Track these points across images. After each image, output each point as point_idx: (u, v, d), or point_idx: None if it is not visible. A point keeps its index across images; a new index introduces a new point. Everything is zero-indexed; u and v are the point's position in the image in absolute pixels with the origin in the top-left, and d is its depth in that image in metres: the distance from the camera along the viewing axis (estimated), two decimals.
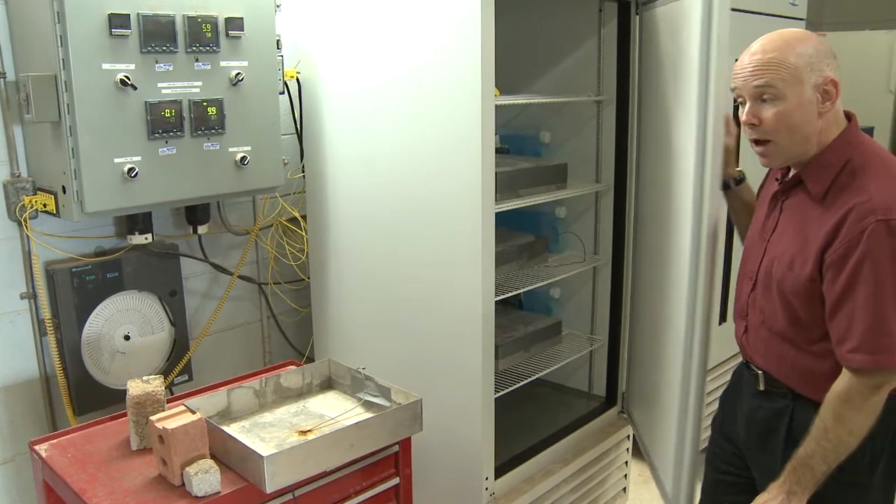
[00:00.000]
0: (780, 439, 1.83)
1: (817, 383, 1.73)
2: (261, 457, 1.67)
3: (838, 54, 1.69)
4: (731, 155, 2.12)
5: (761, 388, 1.88)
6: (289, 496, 1.78)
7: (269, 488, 1.69)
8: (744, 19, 3.21)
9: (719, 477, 2.08)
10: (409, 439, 2.03)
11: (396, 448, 2.01)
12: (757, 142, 1.77)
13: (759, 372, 1.87)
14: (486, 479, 2.39)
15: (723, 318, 3.39)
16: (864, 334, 1.61)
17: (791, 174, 1.82)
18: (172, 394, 2.46)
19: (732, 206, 2.18)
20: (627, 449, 3.07)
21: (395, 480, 2.03)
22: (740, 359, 2.01)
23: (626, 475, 3.14)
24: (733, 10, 3.11)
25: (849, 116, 1.76)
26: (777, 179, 1.89)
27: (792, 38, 1.69)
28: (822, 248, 1.65)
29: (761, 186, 2.04)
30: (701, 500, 2.17)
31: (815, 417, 1.72)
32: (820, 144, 1.72)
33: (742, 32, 3.19)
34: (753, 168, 2.04)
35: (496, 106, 2.21)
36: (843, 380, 1.66)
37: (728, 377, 3.48)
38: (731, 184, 2.13)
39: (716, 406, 2.13)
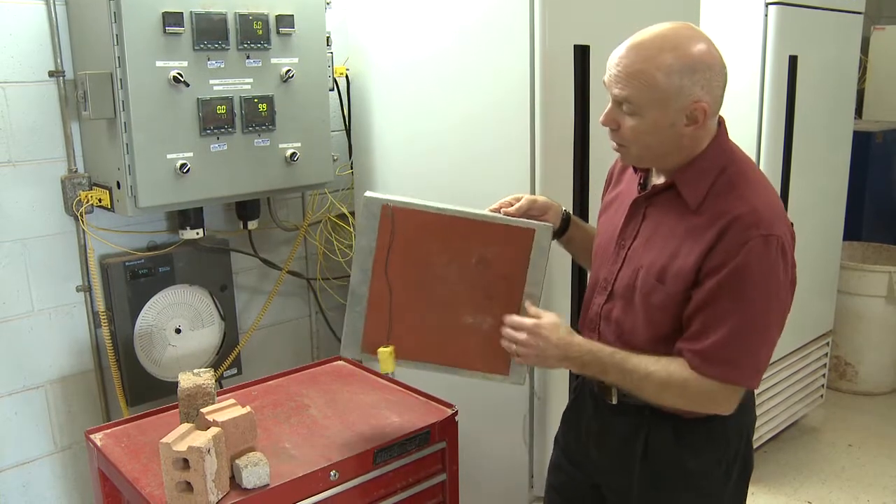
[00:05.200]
0: (636, 458, 1.68)
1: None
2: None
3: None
4: (531, 211, 1.80)
5: (613, 401, 1.71)
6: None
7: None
8: (799, 14, 3.14)
9: (565, 502, 1.93)
10: (455, 437, 2.03)
11: (444, 444, 2.01)
12: (614, 142, 1.61)
13: (613, 386, 1.70)
14: (532, 476, 2.38)
15: None
16: (714, 343, 1.50)
17: (655, 178, 1.67)
18: (222, 387, 2.49)
19: (571, 251, 1.98)
20: None
21: (442, 477, 2.03)
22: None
23: None
24: (789, 5, 3.07)
25: (719, 120, 1.61)
26: (640, 184, 1.71)
27: (670, 45, 1.48)
28: (700, 259, 1.51)
29: (607, 186, 1.87)
30: None
31: (671, 435, 1.64)
32: (689, 156, 1.57)
33: (798, 28, 3.15)
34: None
35: None
36: (689, 371, 1.53)
37: (779, 379, 3.45)
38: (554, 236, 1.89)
39: None
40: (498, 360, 1.78)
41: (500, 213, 1.78)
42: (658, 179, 1.66)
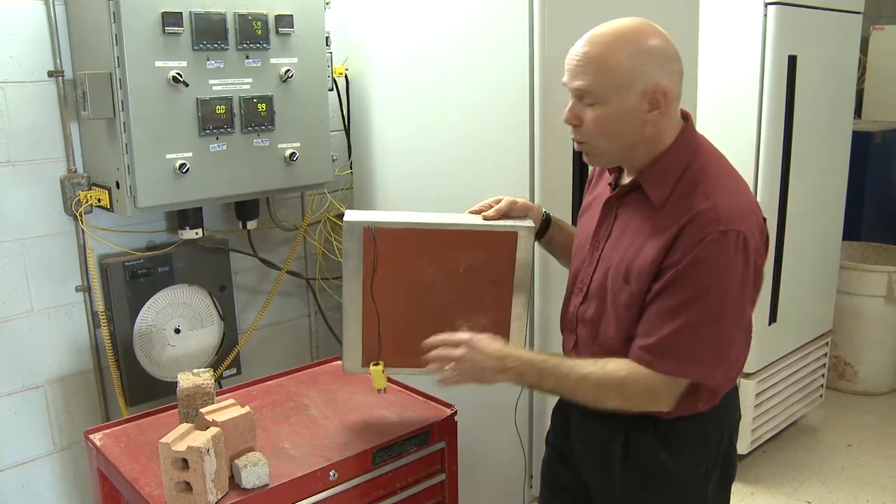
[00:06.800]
0: (617, 460, 1.68)
1: None
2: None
3: None
4: (511, 213, 1.82)
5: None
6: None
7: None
8: (799, 14, 3.14)
9: (557, 500, 1.95)
10: (455, 437, 2.03)
11: (443, 444, 2.01)
12: (578, 141, 1.60)
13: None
14: (531, 477, 2.38)
15: (773, 319, 3.33)
16: (664, 337, 1.49)
17: (625, 179, 1.66)
18: (221, 387, 2.49)
19: (552, 252, 1.98)
20: None
21: (442, 477, 2.03)
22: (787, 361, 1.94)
23: None
24: (789, 5, 3.07)
25: (685, 116, 1.61)
26: (610, 184, 1.71)
27: (624, 34, 1.51)
28: (661, 257, 1.50)
29: (586, 189, 1.87)
30: None
31: (651, 436, 1.64)
32: (655, 150, 1.57)
33: (798, 28, 3.14)
34: None
35: None
36: (636, 368, 1.53)
37: (778, 379, 3.45)
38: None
39: None
40: None
41: (479, 215, 1.79)
42: (628, 179, 1.66)
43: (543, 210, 1.89)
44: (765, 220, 1.60)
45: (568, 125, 1.59)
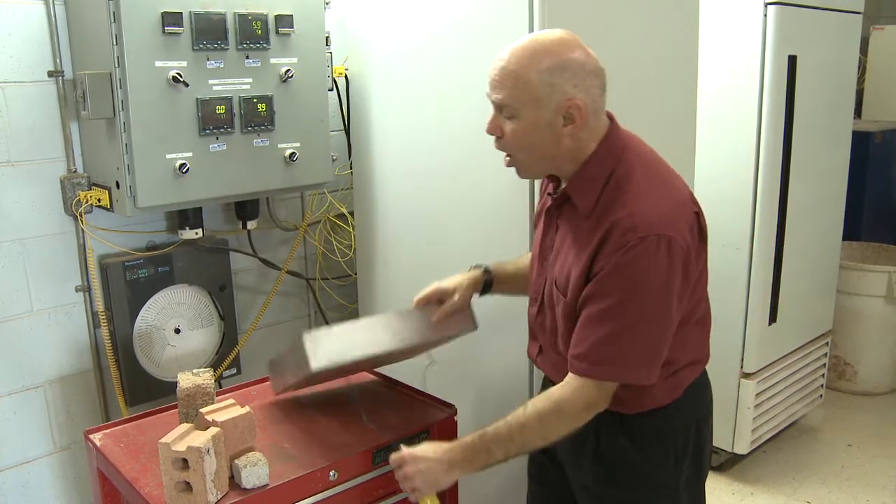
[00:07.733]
0: (589, 457, 1.74)
1: (615, 400, 1.63)
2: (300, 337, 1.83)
3: None
4: (461, 304, 1.92)
5: None
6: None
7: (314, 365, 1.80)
8: (799, 14, 3.14)
9: (542, 491, 2.01)
10: (455, 436, 2.02)
11: None
12: (502, 151, 1.65)
13: None
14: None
15: (773, 319, 3.33)
16: (593, 343, 1.54)
17: (561, 188, 1.69)
18: (221, 387, 2.49)
19: (504, 291, 2.01)
20: None
21: None
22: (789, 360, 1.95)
23: None
24: (789, 5, 3.07)
25: (610, 117, 1.62)
26: (550, 193, 1.73)
27: (541, 48, 1.53)
28: (587, 268, 1.55)
29: (541, 192, 1.89)
30: None
31: (619, 430, 1.68)
32: (578, 159, 1.60)
33: (798, 28, 3.14)
34: None
35: None
36: (563, 388, 1.59)
37: (778, 379, 3.45)
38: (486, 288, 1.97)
39: None
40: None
41: (427, 312, 1.90)
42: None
43: (485, 273, 1.95)
44: (697, 213, 1.61)
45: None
